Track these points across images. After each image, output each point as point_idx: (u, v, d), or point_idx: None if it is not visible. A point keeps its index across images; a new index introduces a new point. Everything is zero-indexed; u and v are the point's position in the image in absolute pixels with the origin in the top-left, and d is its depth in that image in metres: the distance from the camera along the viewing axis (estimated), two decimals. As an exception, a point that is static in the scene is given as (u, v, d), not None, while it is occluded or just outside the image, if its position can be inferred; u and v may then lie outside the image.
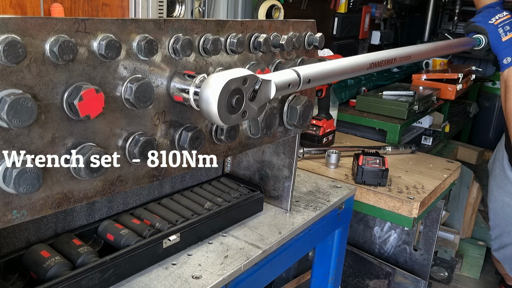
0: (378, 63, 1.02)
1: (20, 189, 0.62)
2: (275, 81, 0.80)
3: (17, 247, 0.90)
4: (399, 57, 1.12)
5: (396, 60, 1.10)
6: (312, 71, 0.86)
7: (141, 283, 0.91)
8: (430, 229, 1.94)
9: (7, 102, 0.58)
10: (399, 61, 1.13)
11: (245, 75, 0.75)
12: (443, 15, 4.48)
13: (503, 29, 1.58)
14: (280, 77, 0.81)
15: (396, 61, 1.11)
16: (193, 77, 0.80)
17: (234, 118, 0.76)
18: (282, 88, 0.81)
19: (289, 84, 0.82)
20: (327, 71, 0.91)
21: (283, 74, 0.82)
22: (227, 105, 0.73)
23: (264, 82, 0.79)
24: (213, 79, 0.73)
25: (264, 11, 2.23)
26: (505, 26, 1.58)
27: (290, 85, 0.82)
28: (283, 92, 0.82)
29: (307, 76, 0.84)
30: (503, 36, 1.58)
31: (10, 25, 0.60)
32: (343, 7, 3.14)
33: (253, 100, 0.78)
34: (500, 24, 1.58)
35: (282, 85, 0.81)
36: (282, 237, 1.14)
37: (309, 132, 1.95)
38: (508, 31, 1.56)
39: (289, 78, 0.82)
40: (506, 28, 1.57)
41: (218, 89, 0.71)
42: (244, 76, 0.75)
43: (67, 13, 1.50)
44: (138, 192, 1.13)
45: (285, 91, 0.83)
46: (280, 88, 0.80)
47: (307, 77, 0.84)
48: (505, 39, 1.57)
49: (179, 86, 0.82)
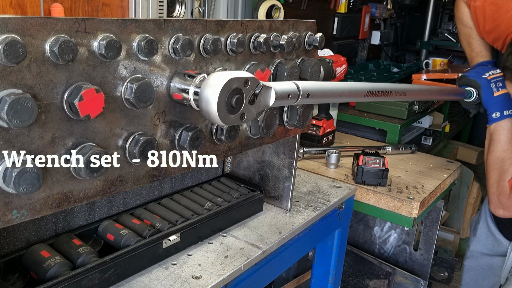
0: (375, 93, 1.06)
1: (20, 189, 0.62)
2: (275, 89, 0.81)
3: (17, 247, 0.90)
4: (395, 92, 1.16)
5: (392, 94, 1.15)
6: (311, 87, 0.88)
7: (141, 283, 0.91)
8: (430, 229, 1.94)
9: (7, 102, 0.58)
10: (394, 95, 1.17)
11: (247, 77, 0.76)
12: (443, 15, 4.48)
13: (495, 85, 1.64)
14: (280, 86, 0.82)
15: (392, 94, 1.15)
16: (193, 77, 0.80)
17: (233, 118, 0.76)
18: (281, 98, 0.82)
19: (289, 95, 0.83)
20: (325, 90, 0.94)
21: (284, 84, 0.83)
22: (227, 103, 0.74)
23: (265, 88, 0.80)
24: (215, 77, 0.73)
25: (264, 11, 2.23)
26: (497, 82, 1.64)
27: (290, 96, 0.84)
28: (282, 102, 0.83)
29: (306, 90, 0.86)
30: (495, 91, 1.63)
31: (10, 25, 0.60)
32: (343, 7, 3.15)
33: (253, 104, 0.78)
34: (493, 79, 1.65)
35: (281, 95, 0.82)
36: (282, 237, 1.14)
37: (309, 132, 1.95)
38: (500, 87, 1.62)
39: (289, 88, 0.83)
40: (498, 84, 1.63)
41: (219, 86, 0.72)
42: (246, 77, 0.76)
43: (67, 13, 1.50)
44: (138, 192, 1.13)
45: (284, 102, 0.84)
46: (279, 97, 0.81)
47: (306, 91, 0.86)
48: (497, 95, 1.63)
49: (179, 86, 0.82)
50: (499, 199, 1.56)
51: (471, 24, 1.80)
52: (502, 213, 1.59)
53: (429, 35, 4.15)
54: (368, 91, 1.04)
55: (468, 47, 1.88)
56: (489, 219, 1.80)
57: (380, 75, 3.09)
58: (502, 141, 1.58)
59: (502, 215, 1.60)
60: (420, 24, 4.19)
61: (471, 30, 1.82)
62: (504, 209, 1.56)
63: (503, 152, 1.56)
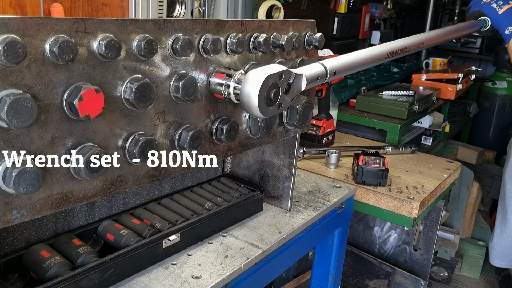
0: (395, 52, 1.10)
1: (20, 189, 0.62)
2: (305, 74, 0.87)
3: (17, 247, 0.90)
4: (413, 45, 1.18)
5: (410, 48, 1.17)
6: (337, 63, 0.93)
7: (141, 283, 0.91)
8: (430, 229, 1.94)
9: (7, 102, 0.58)
10: (413, 48, 1.19)
11: (281, 71, 0.82)
12: (443, 15, 4.48)
13: (496, 4, 1.64)
14: (309, 70, 0.88)
15: (410, 48, 1.17)
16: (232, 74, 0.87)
17: (272, 110, 0.83)
18: (312, 81, 0.88)
19: (318, 77, 0.89)
20: (350, 62, 0.99)
21: (312, 68, 0.89)
22: (266, 98, 0.80)
23: (297, 76, 0.86)
24: (253, 74, 0.79)
25: (264, 11, 2.23)
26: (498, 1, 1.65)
27: (319, 78, 0.90)
28: (313, 84, 0.89)
29: (333, 68, 0.91)
30: (498, 10, 1.64)
31: (10, 25, 0.60)
32: (343, 7, 3.14)
33: (287, 93, 0.85)
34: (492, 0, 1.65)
35: (312, 78, 0.88)
36: (282, 237, 1.14)
37: (309, 132, 1.95)
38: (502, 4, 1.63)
39: (317, 71, 0.89)
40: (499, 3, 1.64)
41: (258, 83, 0.78)
42: (280, 71, 0.82)
43: (67, 13, 1.50)
44: (138, 192, 1.13)
45: (314, 83, 0.90)
46: (310, 81, 0.88)
47: (333, 69, 0.91)
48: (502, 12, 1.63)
49: (218, 81, 0.88)
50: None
51: None
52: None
53: (429, 35, 4.14)
54: (388, 52, 1.08)
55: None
56: None
57: (380, 75, 3.09)
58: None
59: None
60: (420, 24, 4.19)
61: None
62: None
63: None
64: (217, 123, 0.94)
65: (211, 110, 0.93)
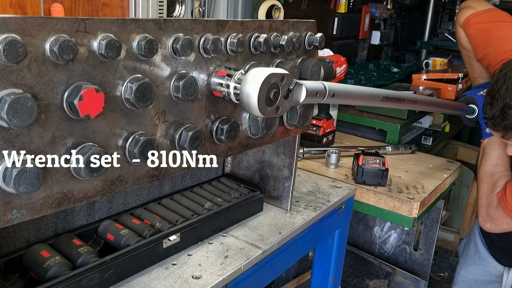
0: (390, 99, 1.16)
1: (20, 189, 0.62)
2: (306, 86, 0.89)
3: (17, 247, 0.90)
4: (407, 100, 1.27)
5: (404, 102, 1.24)
6: (336, 87, 0.96)
7: (141, 283, 0.91)
8: (430, 229, 1.94)
9: (7, 101, 0.58)
10: (406, 103, 1.27)
11: (284, 73, 0.84)
12: (443, 15, 4.48)
13: None
14: (310, 84, 0.91)
15: (404, 102, 1.24)
16: (232, 74, 0.87)
17: (270, 110, 0.84)
18: (311, 95, 0.90)
19: (317, 93, 0.91)
20: (348, 92, 1.03)
21: (313, 84, 0.92)
22: (266, 96, 0.81)
23: (298, 84, 0.88)
24: (254, 73, 0.81)
25: (264, 11, 2.23)
26: None
27: (318, 94, 0.92)
28: (311, 99, 0.91)
29: (332, 90, 0.94)
30: None
31: (10, 24, 0.60)
32: (343, 7, 3.14)
33: (287, 99, 0.86)
34: None
35: (311, 92, 0.90)
36: (282, 237, 1.14)
37: (309, 132, 1.95)
38: None
39: (317, 87, 0.92)
40: None
41: (259, 81, 0.79)
42: (283, 73, 0.83)
43: (67, 13, 1.50)
44: (138, 192, 1.13)
45: (312, 99, 0.91)
46: (309, 94, 0.89)
47: (332, 91, 0.94)
48: None
49: (218, 81, 0.89)
50: (487, 211, 1.58)
51: (470, 47, 1.83)
52: (489, 227, 1.59)
53: (429, 35, 4.14)
54: (384, 97, 1.14)
55: (469, 68, 1.92)
56: (479, 242, 1.79)
57: (380, 75, 3.09)
58: (493, 155, 1.61)
59: (489, 229, 1.60)
60: (420, 24, 4.19)
61: (470, 53, 1.85)
62: (491, 221, 1.57)
63: (493, 167, 1.60)
64: (217, 123, 0.94)
65: (211, 110, 0.93)
